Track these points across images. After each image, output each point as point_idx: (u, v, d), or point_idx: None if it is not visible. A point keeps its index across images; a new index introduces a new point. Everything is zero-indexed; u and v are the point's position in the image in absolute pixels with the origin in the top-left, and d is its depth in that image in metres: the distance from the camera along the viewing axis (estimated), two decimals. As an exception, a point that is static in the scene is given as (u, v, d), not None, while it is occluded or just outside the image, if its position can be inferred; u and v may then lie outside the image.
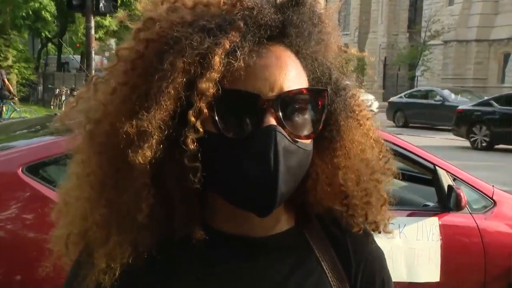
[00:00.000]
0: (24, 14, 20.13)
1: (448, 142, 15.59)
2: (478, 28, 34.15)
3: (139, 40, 0.74)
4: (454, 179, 3.14)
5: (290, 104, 0.72)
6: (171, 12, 0.75)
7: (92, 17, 11.15)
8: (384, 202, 0.87)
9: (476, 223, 3.09)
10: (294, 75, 0.73)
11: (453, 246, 3.05)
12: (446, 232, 3.02)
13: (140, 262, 0.74)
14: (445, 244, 2.99)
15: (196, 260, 0.77)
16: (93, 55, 11.77)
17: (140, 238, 0.73)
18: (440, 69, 36.50)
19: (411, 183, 3.82)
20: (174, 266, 0.77)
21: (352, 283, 0.84)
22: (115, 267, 0.73)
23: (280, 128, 0.70)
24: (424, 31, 35.45)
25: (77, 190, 0.78)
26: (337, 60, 0.84)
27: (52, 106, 19.90)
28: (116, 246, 0.73)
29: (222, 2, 0.75)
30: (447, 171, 3.14)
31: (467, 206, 3.05)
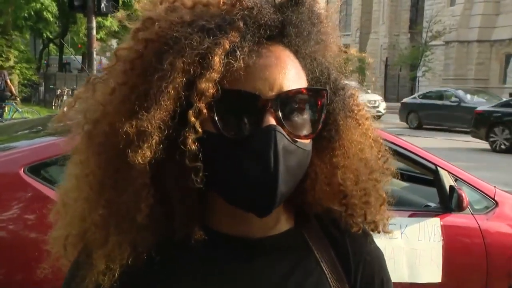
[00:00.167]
0: (26, 15, 20.17)
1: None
2: (479, 28, 34.12)
3: (138, 40, 0.73)
4: (456, 180, 3.14)
5: (289, 104, 0.72)
6: (170, 12, 0.75)
7: (94, 17, 11.15)
8: (383, 202, 0.87)
9: (478, 224, 3.08)
10: (294, 75, 0.73)
11: (454, 247, 3.04)
12: (448, 232, 3.01)
13: (139, 263, 0.74)
14: (446, 244, 2.99)
15: (196, 261, 0.77)
16: (94, 55, 11.78)
17: (140, 238, 0.73)
18: (442, 69, 36.47)
19: (413, 183, 3.81)
20: (174, 266, 0.77)
21: (352, 284, 0.83)
22: (114, 268, 0.73)
23: (279, 128, 0.70)
24: (425, 32, 35.44)
25: (75, 191, 0.77)
26: (336, 60, 0.84)
27: (53, 107, 19.93)
28: (115, 247, 0.73)
29: (221, 2, 0.74)
30: (448, 172, 3.13)
31: (468, 206, 3.04)
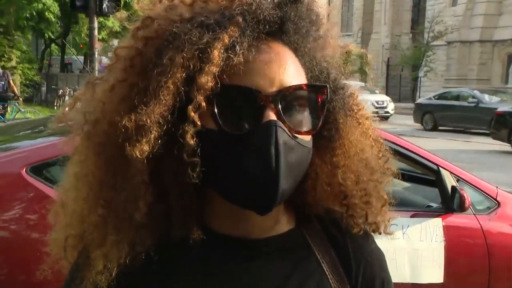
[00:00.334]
0: (28, 15, 20.20)
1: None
2: (481, 28, 34.05)
3: (138, 38, 0.74)
4: (458, 180, 3.13)
5: (290, 100, 0.72)
6: (170, 10, 0.75)
7: (96, 18, 11.16)
8: (385, 203, 0.86)
9: (480, 224, 3.07)
10: (293, 71, 0.73)
11: (456, 247, 3.04)
12: (450, 233, 3.00)
13: (137, 263, 0.74)
14: (448, 245, 2.98)
15: (195, 261, 0.77)
16: (96, 55, 11.79)
17: (138, 238, 0.73)
18: (444, 70, 36.40)
19: (414, 184, 3.81)
20: (173, 267, 0.77)
21: (353, 285, 0.83)
22: (112, 268, 0.73)
23: (280, 123, 0.69)
24: (427, 32, 35.36)
25: (74, 191, 0.77)
26: (335, 59, 0.84)
27: (55, 107, 19.94)
28: (113, 246, 0.72)
29: None
30: (450, 172, 3.13)
31: (470, 207, 3.04)
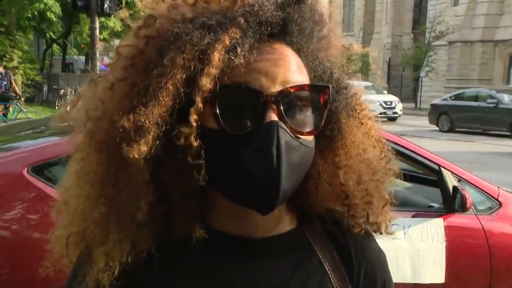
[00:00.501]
0: (29, 15, 20.21)
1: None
2: (483, 28, 33.98)
3: (140, 37, 0.74)
4: (459, 180, 3.13)
5: (292, 100, 0.72)
6: (172, 9, 0.75)
7: (97, 18, 11.17)
8: (386, 203, 0.86)
9: (482, 224, 3.07)
10: (296, 71, 0.73)
11: (458, 248, 3.04)
12: (451, 233, 3.00)
13: (139, 262, 0.74)
14: (450, 245, 2.98)
15: (196, 261, 0.77)
16: (97, 55, 11.80)
17: (140, 236, 0.73)
18: (445, 70, 36.36)
19: (416, 184, 3.80)
20: (174, 266, 0.77)
21: (354, 284, 0.83)
22: (114, 266, 0.73)
23: (282, 124, 0.69)
24: (428, 32, 35.30)
25: (76, 189, 0.77)
26: (338, 59, 0.84)
27: (57, 107, 20.00)
28: (115, 244, 0.73)
29: None
30: (452, 172, 3.12)
31: (472, 207, 3.03)
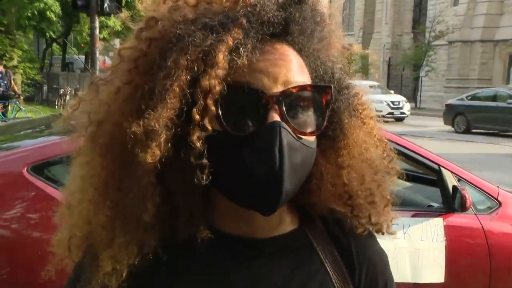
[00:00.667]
0: (29, 15, 20.22)
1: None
2: (483, 28, 33.96)
3: (142, 39, 0.73)
4: (459, 180, 3.13)
5: (294, 100, 0.72)
6: (173, 11, 0.75)
7: (97, 17, 11.18)
8: (387, 203, 0.86)
9: (481, 224, 3.07)
10: (298, 72, 0.73)
11: (457, 247, 3.04)
12: (451, 233, 3.00)
13: (145, 263, 0.74)
14: (449, 245, 2.98)
15: (200, 261, 0.77)
16: (97, 55, 11.80)
17: (146, 238, 0.73)
18: (445, 69, 36.34)
19: (416, 183, 3.81)
20: (178, 267, 0.77)
21: (356, 285, 0.83)
22: (121, 269, 0.73)
23: (284, 124, 0.69)
24: (428, 32, 35.28)
25: (80, 193, 0.77)
26: (339, 59, 0.84)
27: (56, 106, 19.97)
28: (121, 247, 0.72)
29: None
30: (451, 172, 3.12)
31: (472, 207, 3.03)
